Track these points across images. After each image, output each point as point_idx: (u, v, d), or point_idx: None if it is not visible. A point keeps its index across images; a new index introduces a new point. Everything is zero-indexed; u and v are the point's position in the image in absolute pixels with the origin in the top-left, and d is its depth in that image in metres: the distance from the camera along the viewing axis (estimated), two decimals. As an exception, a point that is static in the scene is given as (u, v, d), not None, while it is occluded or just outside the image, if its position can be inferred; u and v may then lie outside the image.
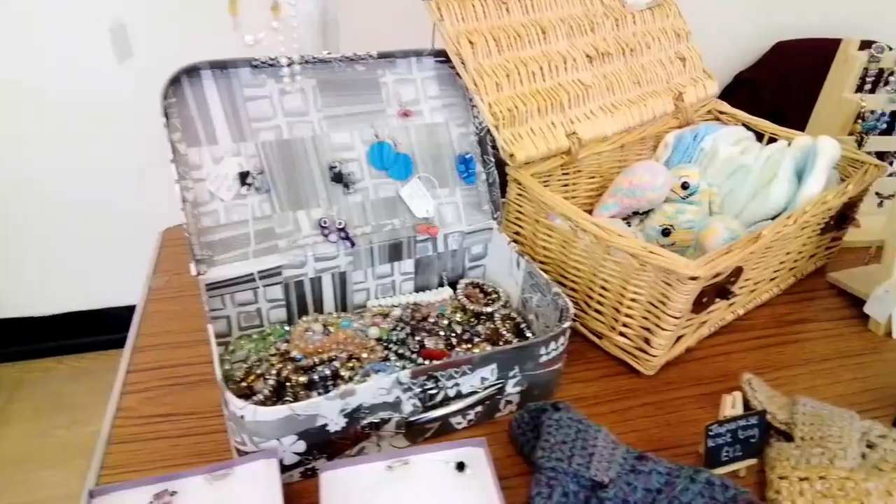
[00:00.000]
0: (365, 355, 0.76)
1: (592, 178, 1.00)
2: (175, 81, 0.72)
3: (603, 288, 0.81)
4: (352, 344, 0.78)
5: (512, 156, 0.86)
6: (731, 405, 0.71)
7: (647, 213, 0.99)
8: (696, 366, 0.84)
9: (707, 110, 1.12)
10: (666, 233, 0.96)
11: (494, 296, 0.89)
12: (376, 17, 1.53)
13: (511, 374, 0.70)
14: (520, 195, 0.89)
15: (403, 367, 0.70)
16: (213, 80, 0.74)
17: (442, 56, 0.86)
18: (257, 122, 0.77)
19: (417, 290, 0.91)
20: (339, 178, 0.81)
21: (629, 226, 0.99)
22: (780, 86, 2.05)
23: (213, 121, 0.75)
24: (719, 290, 0.77)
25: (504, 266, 0.88)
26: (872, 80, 1.08)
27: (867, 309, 0.92)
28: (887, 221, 0.92)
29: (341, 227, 0.81)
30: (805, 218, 0.84)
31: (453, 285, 0.91)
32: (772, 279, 0.95)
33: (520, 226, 0.92)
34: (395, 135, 0.84)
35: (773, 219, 0.89)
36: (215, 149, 0.75)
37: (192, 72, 0.73)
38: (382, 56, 0.82)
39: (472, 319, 0.85)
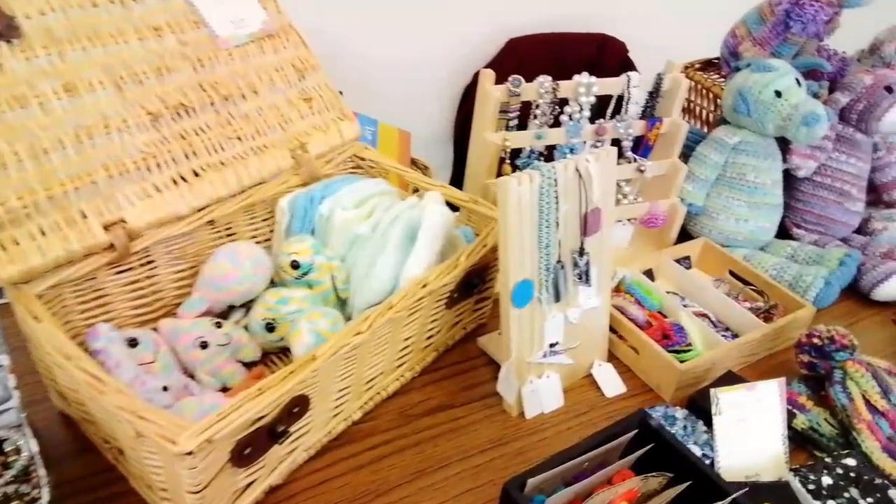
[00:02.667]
0: None
1: (178, 267, 0.80)
2: None
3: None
4: None
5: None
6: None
7: (252, 302, 0.82)
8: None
9: (348, 157, 0.96)
10: (270, 328, 0.79)
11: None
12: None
13: None
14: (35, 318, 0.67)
15: None
16: None
17: None
18: None
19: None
20: None
21: (225, 320, 0.80)
22: (514, 86, 1.99)
23: None
24: (270, 432, 0.62)
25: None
26: (517, 115, 0.98)
27: (498, 388, 0.82)
28: (501, 292, 0.80)
29: None
30: (405, 304, 0.71)
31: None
32: (398, 365, 0.82)
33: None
34: None
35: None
36: None
37: None
38: None
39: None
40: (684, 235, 1.15)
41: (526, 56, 2.02)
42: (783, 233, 1.19)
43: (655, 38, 2.15)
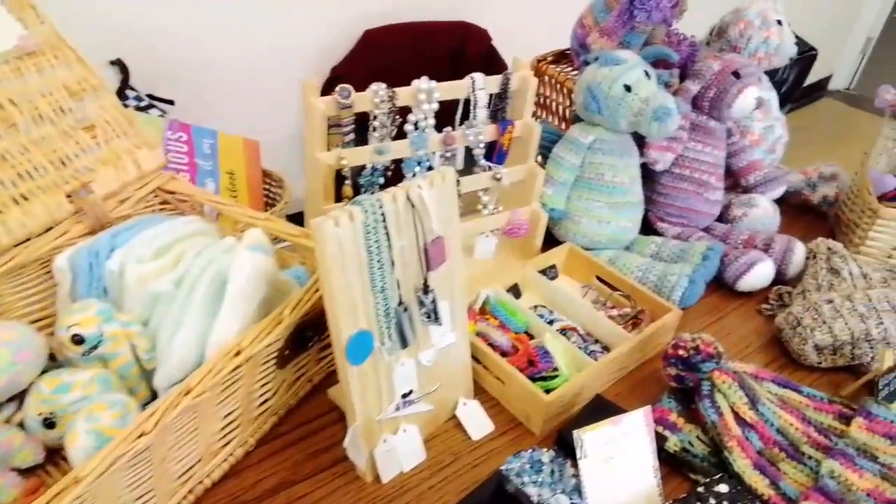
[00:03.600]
0: None
1: (-88, 360, 0.62)
2: None
3: None
4: None
5: None
6: None
7: (24, 392, 0.66)
8: None
9: (151, 192, 0.81)
10: (50, 424, 0.63)
11: None
12: None
13: None
14: None
15: None
16: None
17: None
18: None
19: None
20: None
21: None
22: (370, 77, 1.87)
23: None
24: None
25: None
26: (352, 129, 0.87)
27: (348, 453, 0.71)
28: (335, 349, 0.68)
29: None
30: (211, 382, 0.58)
31: None
32: (223, 445, 0.69)
33: None
34: None
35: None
36: None
37: None
38: None
39: None
40: (554, 241, 1.09)
41: (384, 48, 1.90)
42: (648, 227, 1.16)
43: (520, 25, 2.11)
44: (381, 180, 0.90)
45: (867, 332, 0.89)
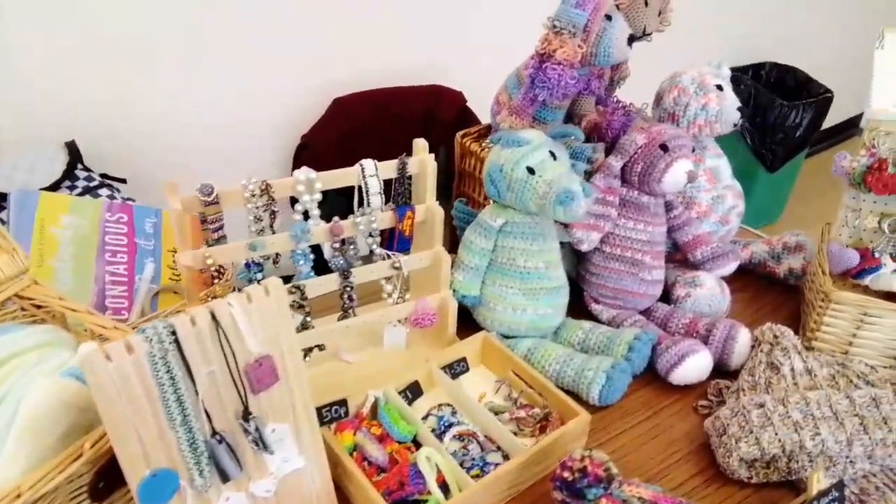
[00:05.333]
0: None
1: None
2: None
3: None
4: None
5: None
6: None
7: None
8: None
9: (8, 298, 0.78)
10: None
11: None
12: None
13: None
14: None
15: None
16: None
17: None
18: None
19: None
20: None
21: None
22: (340, 146, 1.85)
23: None
24: None
25: None
26: (219, 227, 0.83)
27: None
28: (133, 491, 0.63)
29: None
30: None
31: None
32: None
33: None
34: None
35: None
36: None
37: None
38: None
39: None
40: (476, 327, 1.01)
41: (354, 115, 1.89)
42: (584, 308, 1.07)
43: (493, 85, 2.07)
44: (260, 276, 0.85)
45: (801, 443, 0.77)
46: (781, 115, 2.50)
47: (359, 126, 1.90)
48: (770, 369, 0.88)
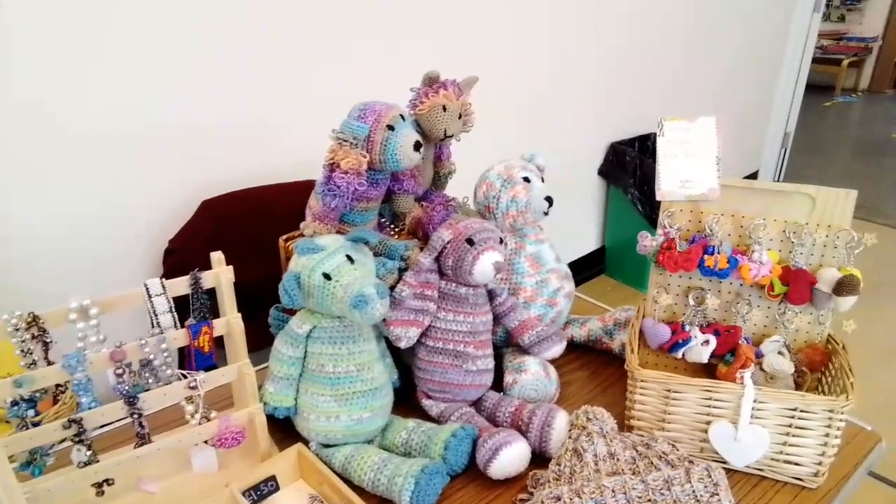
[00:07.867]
0: None
1: None
2: None
3: None
4: None
5: None
6: None
7: None
8: None
9: None
10: None
11: None
12: None
13: None
14: None
15: None
16: None
17: None
18: None
19: None
20: None
21: None
22: (210, 248, 1.83)
23: None
24: None
25: None
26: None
27: None
28: None
29: None
30: None
31: None
32: None
33: None
34: None
35: None
36: None
37: None
38: None
39: None
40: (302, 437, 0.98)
41: (225, 217, 1.87)
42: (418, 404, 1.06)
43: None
44: (32, 413, 0.81)
45: (595, 535, 0.76)
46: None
47: (230, 228, 1.88)
48: (575, 456, 0.87)
